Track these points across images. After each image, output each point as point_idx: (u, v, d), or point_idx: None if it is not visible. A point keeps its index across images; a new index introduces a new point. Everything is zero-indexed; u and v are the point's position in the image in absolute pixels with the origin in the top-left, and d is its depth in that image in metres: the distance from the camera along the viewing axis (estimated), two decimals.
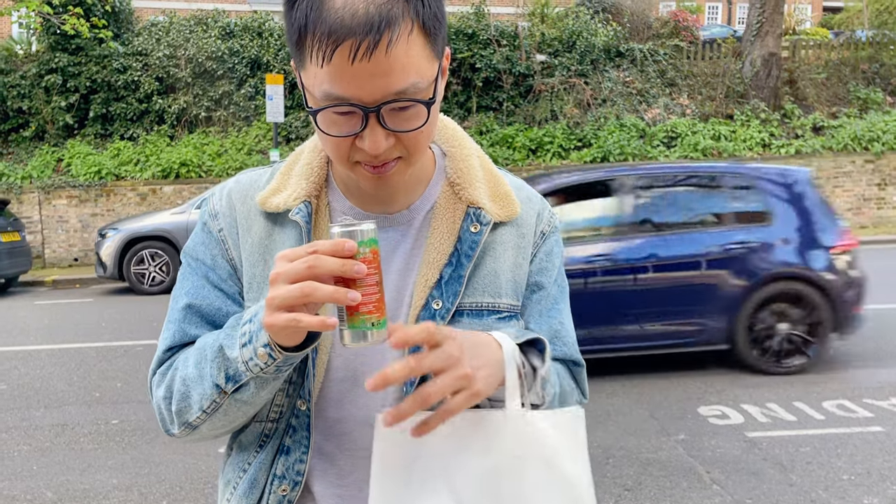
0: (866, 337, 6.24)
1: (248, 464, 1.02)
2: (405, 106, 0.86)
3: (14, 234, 11.51)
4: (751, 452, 4.04)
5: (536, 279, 1.08)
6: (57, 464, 4.24)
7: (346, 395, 1.00)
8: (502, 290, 1.03)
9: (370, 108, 0.84)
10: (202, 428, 0.97)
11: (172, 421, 0.99)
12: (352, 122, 0.86)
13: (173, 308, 1.03)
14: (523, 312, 1.08)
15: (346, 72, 0.82)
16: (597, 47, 15.95)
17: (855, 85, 16.16)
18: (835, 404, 4.75)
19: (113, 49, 15.07)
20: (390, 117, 0.86)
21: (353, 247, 0.80)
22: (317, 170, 1.02)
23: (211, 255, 1.03)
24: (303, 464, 0.98)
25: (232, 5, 23.03)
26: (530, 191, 1.11)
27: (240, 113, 15.43)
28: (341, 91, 0.83)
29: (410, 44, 0.83)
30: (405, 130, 0.87)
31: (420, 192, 1.04)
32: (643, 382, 5.31)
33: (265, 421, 1.01)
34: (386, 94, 0.83)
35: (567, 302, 1.13)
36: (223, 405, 0.93)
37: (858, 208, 14.84)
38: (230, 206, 1.04)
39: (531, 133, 14.94)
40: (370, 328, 0.82)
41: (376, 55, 0.81)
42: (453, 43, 15.44)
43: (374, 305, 0.81)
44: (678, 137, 14.87)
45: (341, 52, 0.81)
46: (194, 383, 0.94)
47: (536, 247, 1.08)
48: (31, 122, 15.21)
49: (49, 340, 7.58)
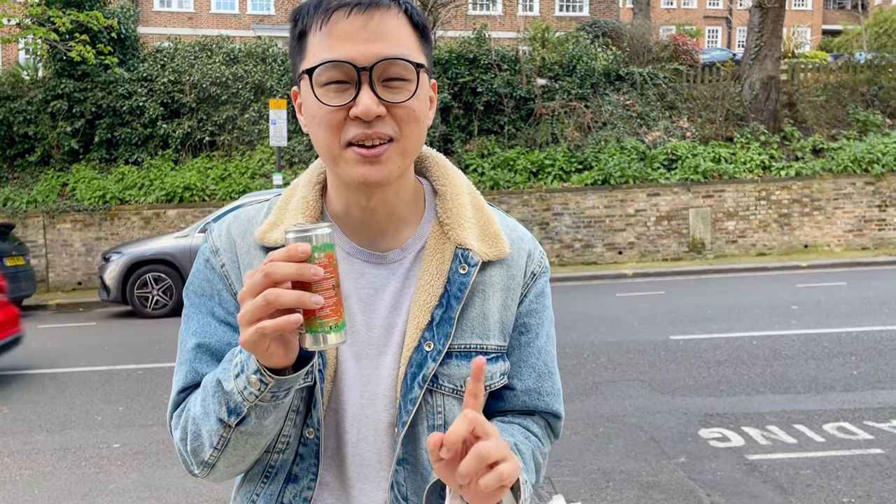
0: (865, 359, 6.24)
1: (257, 495, 1.04)
2: (395, 76, 0.92)
3: (19, 259, 11.56)
4: (751, 475, 4.04)
5: (525, 321, 1.09)
6: (58, 488, 4.25)
7: (339, 426, 1.03)
8: (490, 332, 1.05)
9: (363, 66, 0.90)
10: (219, 466, 0.98)
11: (192, 462, 1.01)
12: (346, 93, 0.92)
13: (182, 349, 1.05)
14: (510, 353, 1.09)
15: (338, 34, 0.91)
16: (597, 71, 16.09)
17: (854, 107, 16.25)
18: (835, 426, 4.75)
19: (118, 75, 15.23)
20: (381, 89, 0.91)
21: (307, 250, 0.82)
22: (312, 203, 1.06)
23: (216, 291, 1.05)
24: (310, 490, 1.01)
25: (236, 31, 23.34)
26: (522, 230, 1.12)
27: (243, 137, 15.55)
28: (336, 54, 0.91)
29: (400, 23, 0.93)
30: (395, 102, 0.92)
31: (412, 231, 1.06)
32: (644, 405, 5.31)
33: (272, 452, 1.03)
34: (378, 55, 0.90)
35: (554, 347, 1.14)
36: (231, 439, 0.94)
37: (859, 230, 14.86)
38: (230, 241, 1.07)
39: (532, 156, 15.03)
40: (328, 332, 0.83)
41: (365, 16, 0.90)
42: (454, 67, 15.60)
43: (331, 309, 0.83)
44: (678, 160, 14.94)
45: (337, 15, 0.91)
46: (202, 421, 0.96)
47: (526, 287, 1.09)
48: (36, 147, 15.34)
49: (52, 364, 7.60)
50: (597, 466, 4.19)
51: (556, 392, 1.13)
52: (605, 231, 14.66)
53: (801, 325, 7.74)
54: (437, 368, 1.00)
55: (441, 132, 15.15)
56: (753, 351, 6.75)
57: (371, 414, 1.02)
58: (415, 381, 1.00)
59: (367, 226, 1.04)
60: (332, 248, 0.85)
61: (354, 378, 1.02)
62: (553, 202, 14.62)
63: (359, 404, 1.02)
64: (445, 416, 1.02)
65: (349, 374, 1.02)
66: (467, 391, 0.84)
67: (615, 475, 4.10)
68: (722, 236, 14.75)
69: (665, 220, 14.68)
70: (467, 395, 0.84)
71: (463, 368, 1.02)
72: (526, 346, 1.09)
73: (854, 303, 8.96)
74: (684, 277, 12.87)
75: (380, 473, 1.03)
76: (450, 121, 15.51)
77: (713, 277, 12.68)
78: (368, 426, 1.02)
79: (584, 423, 4.93)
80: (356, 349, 1.02)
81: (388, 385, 1.02)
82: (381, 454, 1.03)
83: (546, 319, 1.12)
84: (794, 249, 14.77)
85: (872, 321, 7.78)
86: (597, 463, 4.25)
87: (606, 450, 4.49)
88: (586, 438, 4.66)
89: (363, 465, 1.03)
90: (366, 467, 1.03)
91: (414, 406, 1.00)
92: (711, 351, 6.83)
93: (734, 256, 14.63)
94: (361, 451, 1.02)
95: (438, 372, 1.01)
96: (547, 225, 14.61)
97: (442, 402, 1.02)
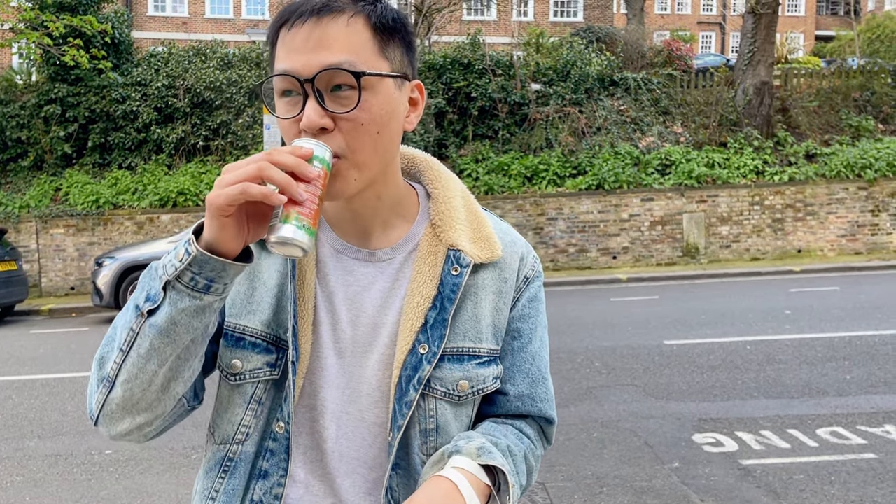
0: (859, 364, 6.25)
1: (216, 491, 1.02)
2: (341, 85, 0.90)
3: (11, 264, 11.51)
4: (745, 480, 4.04)
5: (517, 325, 1.08)
6: (49, 495, 4.22)
7: (317, 422, 1.02)
8: (483, 335, 1.04)
9: (304, 78, 0.89)
10: (116, 391, 0.90)
11: (94, 386, 0.93)
12: (297, 105, 0.91)
13: None
14: (503, 358, 1.08)
15: (286, 44, 0.91)
16: (591, 76, 16.13)
17: (847, 113, 16.33)
18: (828, 431, 4.75)
19: (112, 79, 15.20)
20: (329, 98, 0.90)
21: (310, 151, 0.84)
22: None
23: None
24: (281, 487, 1.00)
25: (230, 36, 23.32)
26: (515, 235, 1.12)
27: (237, 142, 15.53)
28: (283, 65, 0.91)
29: (351, 28, 0.91)
30: (339, 113, 0.90)
31: (403, 232, 1.06)
32: (638, 410, 5.31)
33: (230, 443, 1.02)
34: (321, 65, 0.89)
35: (547, 352, 1.14)
36: (138, 338, 0.87)
37: (852, 235, 14.92)
38: None
39: (527, 161, 15.05)
40: (301, 229, 0.82)
41: (308, 25, 0.89)
42: (449, 73, 15.62)
43: (311, 211, 0.83)
44: (672, 165, 14.98)
45: (285, 27, 0.91)
46: (120, 318, 0.92)
47: (519, 291, 1.08)
48: (29, 151, 15.29)
49: (44, 370, 7.56)
50: (590, 472, 4.19)
51: (550, 398, 1.13)
52: (599, 236, 14.69)
53: (795, 330, 7.76)
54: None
55: (436, 137, 15.16)
56: (747, 356, 6.76)
57: (353, 411, 1.01)
58: (410, 385, 0.99)
59: (354, 224, 1.04)
60: (328, 167, 0.86)
61: (335, 374, 1.01)
62: (547, 207, 14.64)
63: (339, 401, 1.01)
64: (437, 420, 1.02)
65: (329, 371, 1.01)
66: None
67: (609, 480, 4.09)
68: (716, 241, 14.79)
69: (659, 225, 14.71)
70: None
71: (455, 372, 1.01)
72: (519, 352, 1.09)
73: (847, 307, 8.99)
74: (678, 282, 12.89)
75: (358, 471, 1.02)
76: (444, 126, 15.53)
77: (707, 282, 12.71)
78: (349, 423, 1.01)
79: (577, 428, 4.92)
80: (339, 346, 1.02)
81: (373, 385, 1.02)
82: (362, 452, 1.02)
83: (539, 324, 1.11)
84: (788, 254, 14.82)
85: (865, 326, 7.80)
86: (590, 468, 4.24)
87: (600, 455, 4.48)
88: (580, 444, 4.65)
89: (343, 461, 1.02)
90: (346, 463, 1.02)
91: (410, 409, 0.99)
92: (705, 356, 6.83)
93: (728, 261, 14.67)
94: (342, 447, 1.02)
95: (431, 375, 1.00)
96: (541, 230, 14.63)
97: (434, 405, 1.01)
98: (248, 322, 1.01)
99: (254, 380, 1.00)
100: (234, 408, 1.02)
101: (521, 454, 1.04)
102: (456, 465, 0.92)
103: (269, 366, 1.00)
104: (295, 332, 0.98)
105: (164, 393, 0.92)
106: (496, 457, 0.95)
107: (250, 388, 1.01)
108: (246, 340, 1.00)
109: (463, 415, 1.05)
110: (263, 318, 1.00)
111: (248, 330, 1.00)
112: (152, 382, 0.90)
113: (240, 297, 1.02)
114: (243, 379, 1.00)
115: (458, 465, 0.92)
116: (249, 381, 1.01)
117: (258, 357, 1.00)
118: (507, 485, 0.94)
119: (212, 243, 0.84)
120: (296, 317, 0.99)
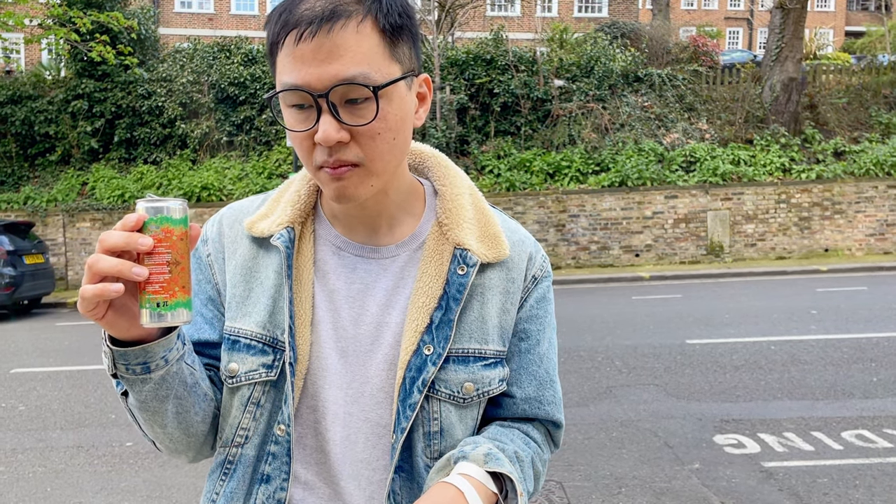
0: (886, 366, 6.14)
1: (216, 494, 1.01)
2: (357, 98, 0.87)
3: (38, 257, 11.69)
4: (767, 483, 3.97)
5: (525, 326, 1.06)
6: (70, 486, 4.27)
7: (320, 423, 1.00)
8: (489, 336, 1.02)
9: (318, 93, 0.86)
10: (150, 438, 1.01)
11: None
12: (310, 118, 0.88)
13: None
14: (510, 360, 1.06)
15: (295, 56, 0.86)
16: (615, 72, 16.00)
17: (877, 110, 16.04)
18: (854, 434, 4.66)
19: (138, 75, 15.38)
20: (344, 111, 0.87)
21: (139, 220, 0.80)
22: (304, 198, 1.04)
23: (196, 280, 1.04)
24: (284, 492, 0.98)
25: (254, 32, 23.45)
26: (524, 233, 1.09)
27: (261, 137, 15.63)
28: (293, 78, 0.87)
29: (361, 35, 0.87)
30: (357, 125, 0.88)
31: (409, 229, 1.04)
32: (658, 410, 5.26)
33: (229, 446, 1.01)
34: (335, 79, 0.85)
35: (555, 354, 1.11)
36: (130, 410, 0.97)
37: (882, 234, 14.66)
38: (220, 231, 1.06)
39: (549, 157, 14.98)
40: (156, 309, 0.80)
41: (319, 36, 0.85)
42: (472, 68, 15.57)
43: (161, 286, 0.80)
44: (697, 162, 14.83)
45: (291, 37, 0.86)
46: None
47: (527, 291, 1.06)
48: (57, 146, 15.53)
49: (69, 362, 7.66)
50: (609, 472, 4.15)
51: (557, 401, 1.10)
52: (621, 233, 14.57)
53: (821, 331, 7.63)
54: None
55: (458, 133, 15.12)
56: (771, 356, 6.66)
57: (356, 412, 0.99)
58: (414, 386, 0.97)
59: (360, 221, 1.02)
60: (176, 224, 0.81)
61: (337, 374, 0.99)
62: (569, 204, 14.55)
63: (342, 402, 0.99)
64: (441, 423, 0.99)
65: (331, 371, 0.99)
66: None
67: (628, 481, 4.05)
68: (740, 239, 14.61)
69: (683, 223, 14.56)
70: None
71: (460, 374, 0.99)
72: (526, 353, 1.06)
73: (875, 308, 8.83)
74: (702, 281, 12.76)
75: (363, 473, 1.00)
76: (466, 122, 15.49)
77: (731, 281, 12.56)
78: (353, 424, 0.99)
79: (597, 427, 4.88)
80: (341, 345, 1.00)
81: (376, 385, 0.99)
82: (370, 454, 1.00)
83: (548, 326, 1.08)
84: (814, 253, 14.60)
85: (893, 327, 7.66)
86: (609, 468, 4.20)
87: (619, 455, 4.44)
88: (599, 443, 4.61)
89: (347, 463, 1.00)
90: (350, 465, 1.00)
91: (413, 411, 0.96)
92: (728, 355, 6.74)
93: (753, 260, 14.48)
94: (348, 449, 0.99)
95: (435, 377, 0.97)
96: (563, 227, 14.55)
97: (438, 408, 0.99)
98: (243, 324, 1.00)
99: (250, 381, 0.99)
100: (233, 410, 1.00)
101: (529, 459, 1.01)
102: (462, 472, 0.90)
103: (265, 367, 0.98)
104: (292, 333, 0.97)
105: (188, 436, 1.00)
106: (504, 463, 0.92)
107: (247, 390, 0.99)
108: (241, 343, 0.99)
109: (468, 417, 1.02)
110: (259, 320, 0.99)
111: (244, 332, 0.99)
112: (171, 435, 0.98)
113: (236, 300, 1.01)
114: (240, 381, 0.99)
115: (464, 471, 0.90)
116: (245, 383, 0.99)
117: (254, 359, 0.99)
118: (516, 492, 0.91)
119: (117, 337, 0.86)
120: (292, 317, 0.97)
